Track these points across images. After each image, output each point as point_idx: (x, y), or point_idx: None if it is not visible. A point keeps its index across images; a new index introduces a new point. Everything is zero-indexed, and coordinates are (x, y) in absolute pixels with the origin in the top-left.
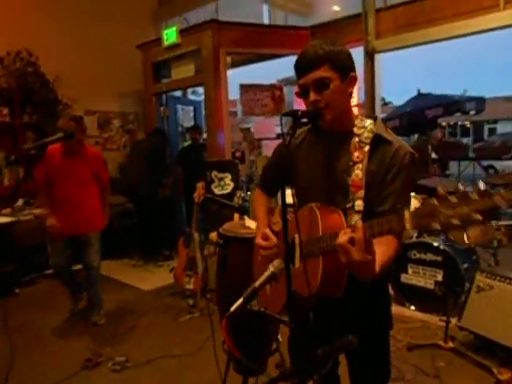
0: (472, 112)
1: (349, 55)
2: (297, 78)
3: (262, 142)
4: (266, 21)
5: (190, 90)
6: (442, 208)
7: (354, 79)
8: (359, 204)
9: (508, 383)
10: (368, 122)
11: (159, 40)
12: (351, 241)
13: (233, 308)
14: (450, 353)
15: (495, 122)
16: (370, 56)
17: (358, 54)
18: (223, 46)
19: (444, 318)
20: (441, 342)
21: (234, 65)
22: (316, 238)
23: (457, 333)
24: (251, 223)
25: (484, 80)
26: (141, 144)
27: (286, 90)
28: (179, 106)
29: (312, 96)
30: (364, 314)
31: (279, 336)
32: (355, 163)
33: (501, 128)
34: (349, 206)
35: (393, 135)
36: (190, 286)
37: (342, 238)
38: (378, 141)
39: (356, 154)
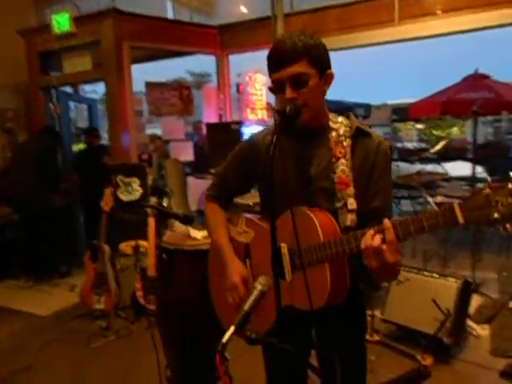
0: (360, 118)
1: (326, 50)
2: (270, 72)
3: (170, 143)
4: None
5: (84, 86)
6: (499, 196)
7: (331, 77)
8: (352, 202)
9: (431, 367)
10: (341, 119)
11: (48, 27)
12: (383, 242)
13: (224, 339)
14: (378, 346)
15: (369, 127)
16: None
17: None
18: (126, 39)
19: (370, 313)
20: (367, 336)
21: (134, 60)
22: (317, 244)
23: (381, 326)
24: (196, 233)
25: (374, 89)
26: (26, 145)
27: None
28: (71, 104)
29: (288, 93)
30: (357, 316)
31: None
32: (338, 159)
33: None
34: (339, 205)
35: (369, 129)
36: (101, 306)
37: (375, 239)
38: (359, 134)
39: (338, 149)
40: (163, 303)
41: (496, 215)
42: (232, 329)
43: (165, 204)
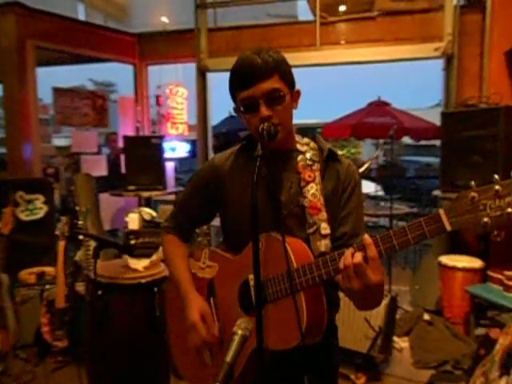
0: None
1: (290, 66)
2: (236, 90)
3: (81, 156)
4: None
5: None
6: (485, 199)
7: (299, 94)
8: (325, 227)
9: None
10: (306, 140)
11: None
12: (365, 260)
13: None
14: None
15: None
16: (202, 74)
17: (189, 69)
18: (31, 38)
19: None
20: None
21: (40, 62)
22: (291, 271)
23: None
24: (135, 263)
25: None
26: None
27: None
28: None
29: (264, 111)
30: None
31: None
32: (308, 183)
33: None
34: (311, 231)
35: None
36: None
37: (356, 257)
38: (330, 157)
39: (306, 172)
40: (95, 346)
41: (486, 219)
42: None
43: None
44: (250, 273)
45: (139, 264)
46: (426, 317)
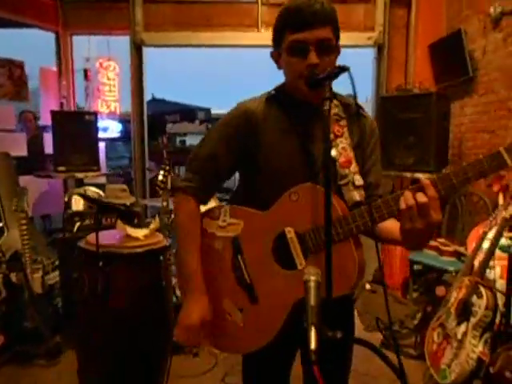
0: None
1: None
2: (288, 30)
3: None
4: None
5: None
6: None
7: (339, 51)
8: (358, 178)
9: None
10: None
11: None
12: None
13: (313, 345)
14: None
15: (185, 134)
16: (137, 48)
17: (122, 43)
18: None
19: None
20: None
21: None
22: (338, 218)
23: None
24: (135, 232)
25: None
26: None
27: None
28: None
29: (313, 58)
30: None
31: None
32: (337, 137)
33: (189, 140)
34: (343, 182)
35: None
36: None
37: (419, 197)
38: (356, 112)
39: (336, 127)
40: (94, 326)
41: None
42: (313, 330)
43: None
44: (285, 226)
45: (139, 233)
46: (368, 286)
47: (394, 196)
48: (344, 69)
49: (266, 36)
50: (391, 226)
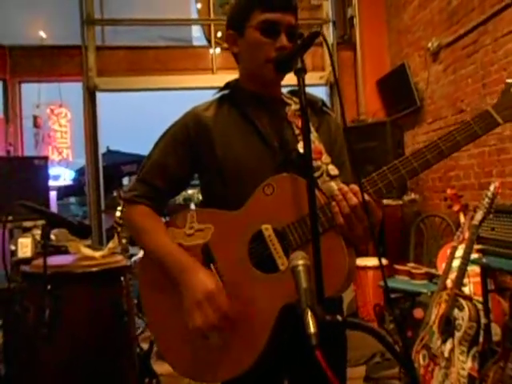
0: None
1: None
2: (258, 9)
3: None
4: None
5: None
6: None
7: None
8: (332, 168)
9: None
10: (288, 94)
11: None
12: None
13: (312, 329)
14: None
15: None
16: (91, 94)
17: (74, 89)
18: None
19: None
20: None
21: None
22: (320, 208)
23: None
24: (90, 252)
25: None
26: None
27: None
28: None
29: (284, 40)
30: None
31: None
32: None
33: None
34: (317, 174)
35: None
36: None
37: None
38: (321, 109)
39: (299, 122)
40: (43, 362)
41: None
42: (309, 312)
43: None
44: (260, 223)
45: (95, 253)
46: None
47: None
48: (316, 34)
49: (220, 78)
50: None
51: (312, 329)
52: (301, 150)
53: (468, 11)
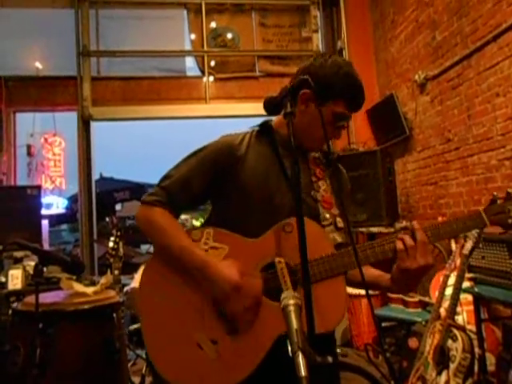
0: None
1: None
2: (342, 102)
3: None
4: None
5: None
6: (509, 205)
7: None
8: (340, 220)
9: None
10: None
11: None
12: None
13: (302, 372)
14: None
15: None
16: (85, 123)
17: (68, 118)
18: None
19: None
20: None
21: None
22: (330, 255)
23: None
24: (82, 288)
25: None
26: None
27: None
28: None
29: (339, 135)
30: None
31: None
32: (319, 179)
33: None
34: (326, 223)
35: None
36: None
37: (422, 235)
38: (335, 163)
39: (317, 170)
40: None
41: (510, 221)
42: (300, 355)
43: None
44: (275, 256)
45: (87, 289)
46: (338, 350)
47: (386, 238)
48: (304, 81)
49: (213, 108)
50: (373, 270)
51: (303, 372)
52: (317, 197)
53: (451, 46)
